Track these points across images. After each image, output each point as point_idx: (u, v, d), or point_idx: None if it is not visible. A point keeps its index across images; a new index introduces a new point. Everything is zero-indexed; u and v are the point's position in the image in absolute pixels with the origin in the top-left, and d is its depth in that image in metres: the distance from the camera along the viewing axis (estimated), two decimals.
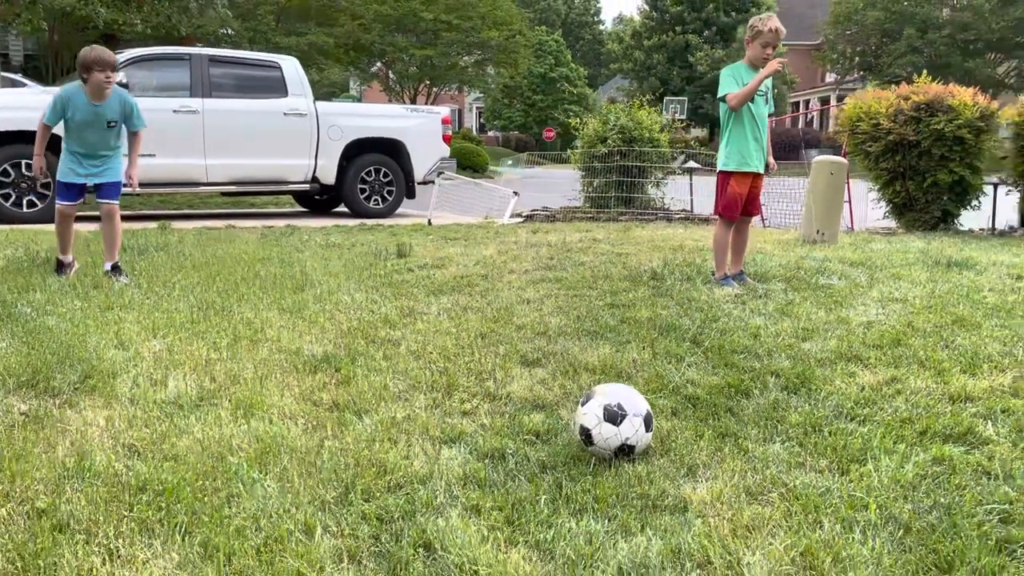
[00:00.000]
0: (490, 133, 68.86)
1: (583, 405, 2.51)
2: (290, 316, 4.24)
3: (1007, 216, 8.73)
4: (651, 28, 40.69)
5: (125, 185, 5.39)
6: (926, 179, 8.08)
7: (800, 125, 44.91)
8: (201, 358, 3.50)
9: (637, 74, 41.61)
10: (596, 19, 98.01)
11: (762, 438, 2.57)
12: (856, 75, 38.92)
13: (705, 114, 39.36)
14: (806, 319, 3.93)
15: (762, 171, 4.77)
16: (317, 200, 11.82)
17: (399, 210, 11.20)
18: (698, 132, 40.27)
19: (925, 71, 8.77)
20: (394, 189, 11.07)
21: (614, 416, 2.42)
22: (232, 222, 9.37)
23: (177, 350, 3.61)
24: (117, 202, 5.37)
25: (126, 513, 2.14)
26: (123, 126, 5.30)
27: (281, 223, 9.34)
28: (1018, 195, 8.46)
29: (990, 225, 8.61)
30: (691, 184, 9.81)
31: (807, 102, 45.75)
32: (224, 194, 11.21)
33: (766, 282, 4.84)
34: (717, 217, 4.90)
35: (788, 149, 39.12)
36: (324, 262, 6.02)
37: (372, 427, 2.73)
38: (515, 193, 9.96)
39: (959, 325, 3.74)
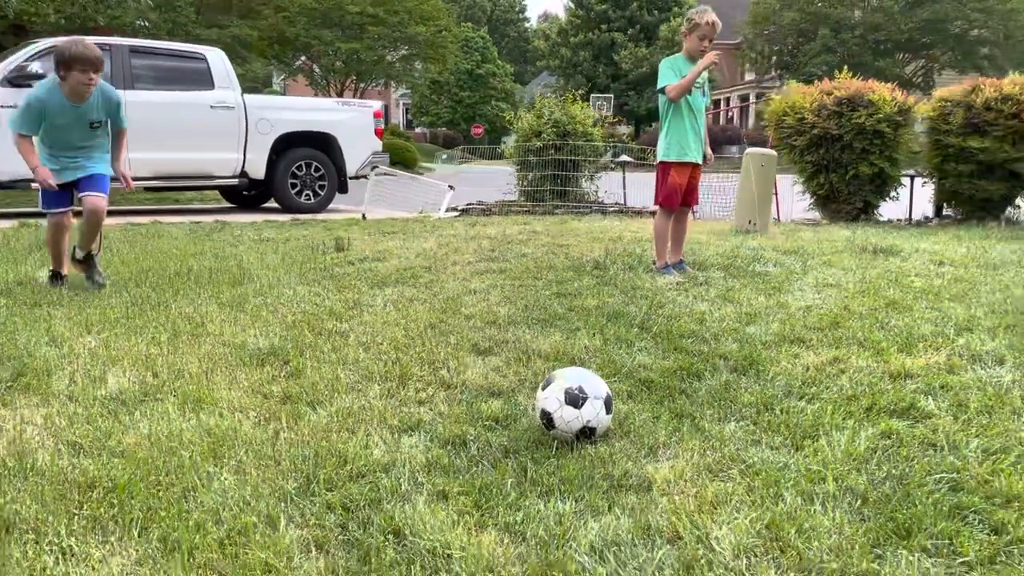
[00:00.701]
0: (417, 129, 68.40)
1: (543, 389, 2.52)
2: (231, 310, 4.13)
3: (923, 207, 9.13)
4: (577, 26, 41.09)
5: (113, 180, 4.75)
6: (848, 171, 8.39)
7: (721, 122, 46.04)
8: (140, 353, 3.37)
9: (564, 71, 41.98)
10: (521, 16, 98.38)
11: (717, 418, 2.62)
12: (774, 74, 40.09)
13: (631, 111, 39.94)
14: (747, 304, 4.03)
15: (700, 162, 4.87)
16: (245, 195, 11.53)
17: (331, 205, 11.03)
18: (625, 129, 40.86)
19: (846, 67, 9.08)
20: (326, 184, 10.88)
21: (575, 399, 2.43)
22: (157, 218, 9.07)
23: (114, 346, 3.48)
24: (105, 195, 4.65)
25: (76, 511, 2.05)
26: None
27: (209, 219, 9.09)
28: (933, 187, 8.85)
29: (907, 215, 9.00)
30: (624, 178, 9.95)
31: (727, 100, 46.91)
32: (147, 189, 10.83)
33: (705, 270, 4.95)
34: (657, 207, 4.98)
35: (710, 145, 40.00)
36: (260, 256, 5.89)
37: (328, 418, 2.68)
38: (450, 187, 9.93)
39: (892, 308, 3.89)
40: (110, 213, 5.16)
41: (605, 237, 6.39)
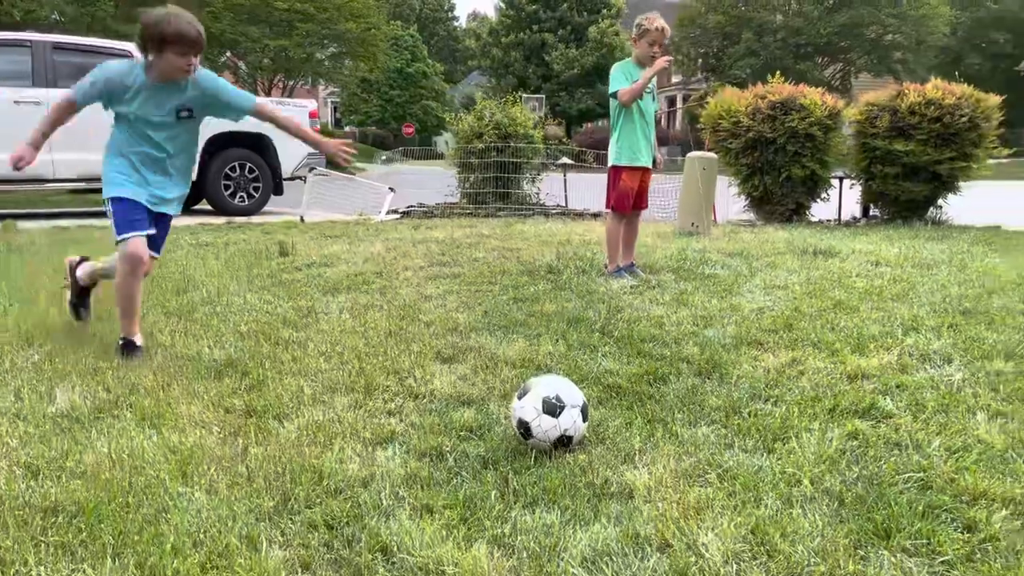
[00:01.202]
0: (347, 128, 67.51)
1: (520, 399, 2.51)
2: (179, 320, 4.00)
3: (851, 207, 9.46)
4: (508, 26, 41.16)
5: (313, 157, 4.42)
6: (781, 174, 8.63)
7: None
8: (88, 367, 3.24)
9: (495, 71, 42.01)
10: (450, 15, 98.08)
11: (688, 422, 2.66)
12: (700, 76, 40.98)
13: (563, 111, 40.26)
14: (702, 307, 4.11)
15: (651, 166, 4.94)
16: None
17: (266, 208, 10.79)
18: (556, 130, 41.16)
19: (778, 72, 9.35)
20: (260, 185, 10.64)
21: (553, 408, 2.43)
22: (83, 221, 8.72)
23: (58, 359, 3.33)
24: (159, 254, 3.65)
25: (41, 538, 1.96)
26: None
27: None
28: (860, 188, 9.18)
29: (837, 216, 9.31)
30: (565, 180, 10.02)
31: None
32: (73, 191, 10.40)
33: (656, 273, 5.02)
34: (608, 211, 5.02)
35: None
36: (202, 262, 5.72)
37: (297, 432, 2.62)
38: (391, 189, 9.82)
39: (839, 309, 4.02)
40: (32, 216, 4.92)
41: (554, 240, 6.43)
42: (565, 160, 9.85)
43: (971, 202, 8.72)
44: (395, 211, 9.84)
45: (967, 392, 2.83)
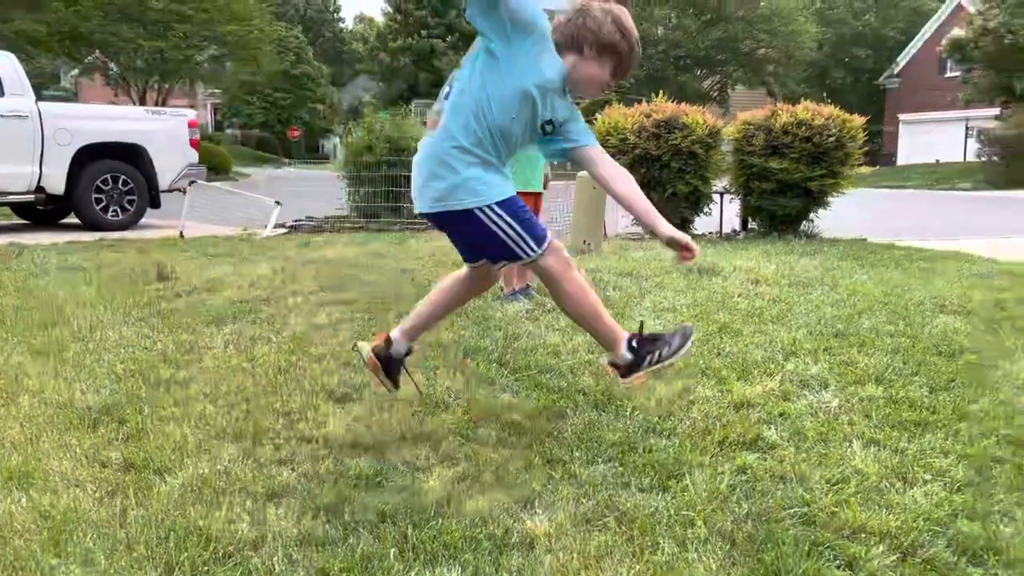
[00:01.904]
0: (229, 131, 65.25)
1: None
2: (48, 359, 3.74)
3: (731, 221, 9.86)
4: (395, 31, 40.82)
5: None
6: (667, 189, 8.91)
7: None
8: None
9: (384, 76, 41.57)
10: (336, 16, 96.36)
11: (587, 460, 2.69)
12: None
13: None
14: None
15: (542, 190, 4.99)
16: (41, 211, 10.50)
17: (143, 221, 10.29)
18: None
19: (662, 92, 9.65)
20: (135, 199, 10.14)
21: None
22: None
23: None
24: None
25: None
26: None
27: (1, 240, 8.19)
28: (739, 202, 9.58)
29: (719, 229, 9.68)
30: None
31: None
32: None
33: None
34: None
35: None
36: (72, 289, 5.37)
37: (180, 488, 2.49)
38: (277, 203, 9.53)
39: (724, 332, 4.17)
40: None
41: (449, 260, 6.38)
42: None
43: (836, 211, 9.27)
44: (282, 225, 9.56)
45: (843, 420, 2.98)
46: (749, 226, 9.77)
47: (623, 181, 2.79)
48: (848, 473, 2.54)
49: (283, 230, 9.38)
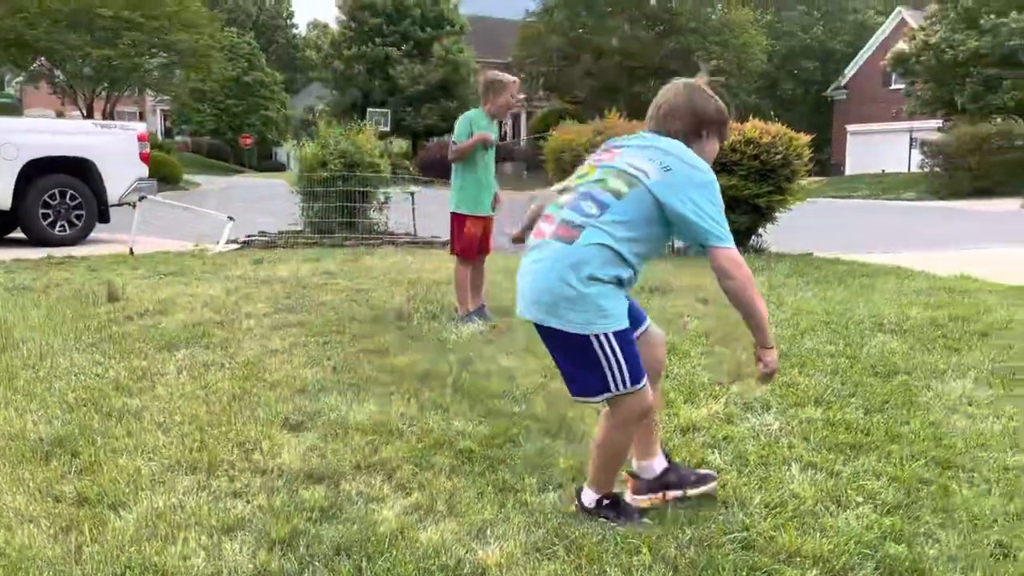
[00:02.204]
0: (178, 138, 64.15)
1: None
2: None
3: None
4: (350, 38, 40.56)
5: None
6: None
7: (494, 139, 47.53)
8: None
9: (338, 84, 41.28)
10: (289, 22, 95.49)
11: (538, 488, 2.77)
12: (542, 94, 42.11)
13: (408, 127, 40.16)
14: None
15: (492, 212, 5.08)
16: None
17: (91, 236, 10.13)
18: (401, 144, 41.00)
19: (614, 110, 9.82)
20: (84, 214, 9.99)
21: None
22: None
23: None
24: None
25: None
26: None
27: None
28: None
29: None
30: (413, 208, 10.04)
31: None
32: None
33: (505, 316, 5.14)
34: (454, 258, 5.10)
35: None
36: (20, 312, 5.30)
37: (135, 523, 2.51)
38: (230, 218, 9.47)
39: (674, 354, 4.28)
40: None
41: (404, 279, 6.44)
42: (413, 189, 9.87)
43: (784, 223, 9.51)
44: (234, 240, 9.49)
45: (783, 443, 3.11)
46: None
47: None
48: (786, 497, 2.66)
49: (235, 246, 9.31)
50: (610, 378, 2.38)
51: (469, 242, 4.96)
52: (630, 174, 2.35)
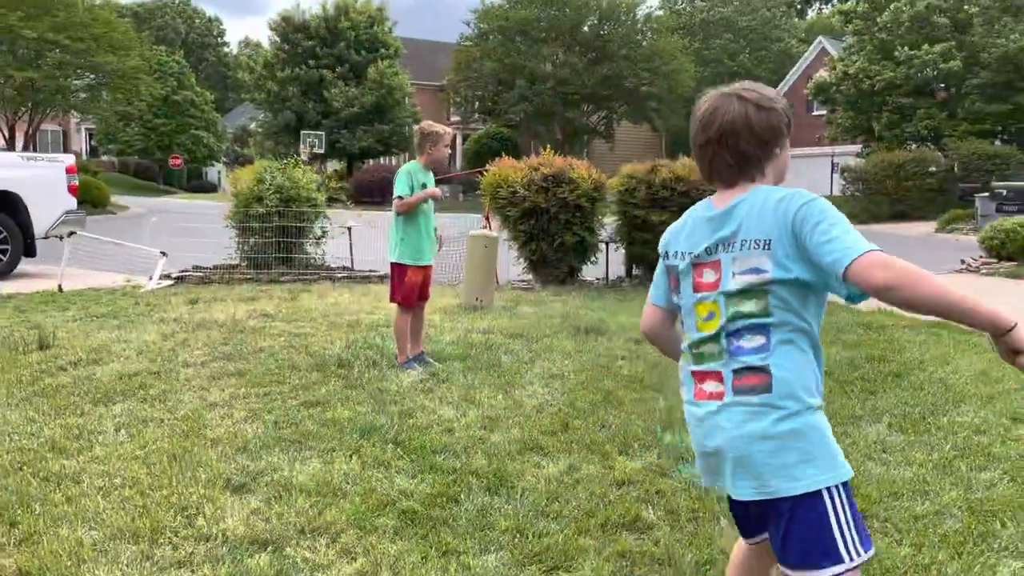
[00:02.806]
0: (104, 158, 62.34)
1: None
2: None
3: (617, 268, 10.30)
4: (283, 60, 40.22)
5: None
6: (555, 240, 9.27)
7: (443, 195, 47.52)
8: None
9: (271, 105, 40.81)
10: (220, 40, 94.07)
11: (479, 549, 2.86)
12: (478, 117, 42.42)
13: (343, 149, 39.94)
14: (488, 406, 4.36)
15: (431, 261, 5.18)
16: None
17: (18, 270, 9.84)
18: (335, 165, 40.71)
19: (549, 146, 10.05)
20: (9, 248, 9.71)
21: None
22: None
23: None
24: None
25: None
26: None
27: None
28: (623, 251, 10.05)
29: (605, 276, 10.10)
30: (351, 243, 10.05)
31: None
32: None
33: (444, 361, 5.23)
34: (395, 306, 5.16)
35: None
36: None
37: None
38: (162, 253, 9.31)
39: (608, 402, 4.44)
40: None
41: (343, 321, 6.46)
42: (351, 222, 9.87)
43: None
44: (167, 275, 9.34)
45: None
46: (633, 272, 10.24)
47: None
48: (715, 554, 2.81)
49: (169, 282, 9.17)
50: (842, 545, 1.78)
51: (410, 291, 5.04)
52: (750, 289, 1.82)
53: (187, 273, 9.49)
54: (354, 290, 8.55)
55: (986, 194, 17.67)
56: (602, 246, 9.86)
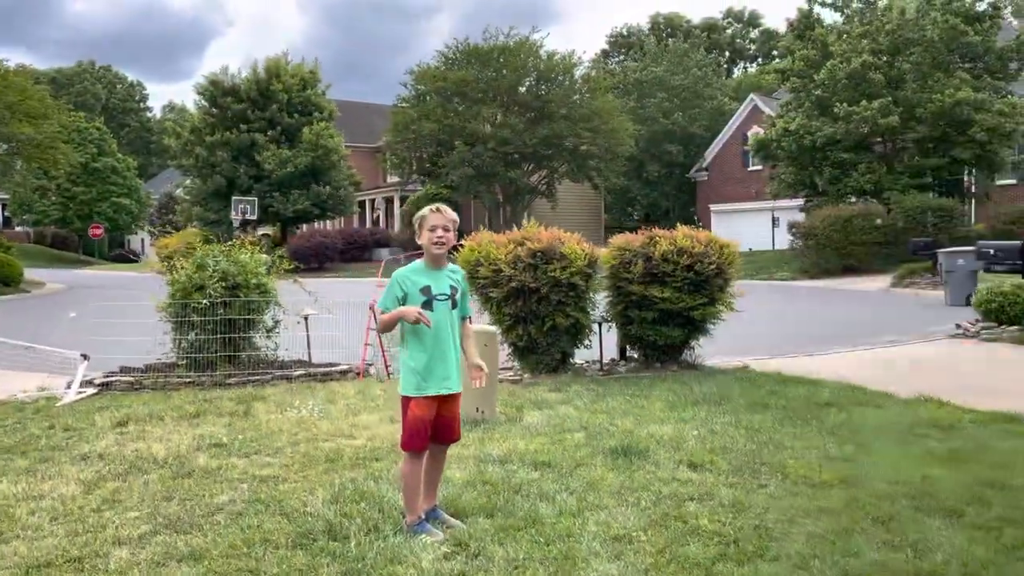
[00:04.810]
0: (19, 228, 59.33)
1: None
2: None
3: (610, 350, 9.22)
4: (212, 124, 38.72)
5: None
6: (546, 323, 8.17)
7: (368, 224, 46.37)
8: None
9: (200, 171, 39.12)
10: (143, 106, 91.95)
11: None
12: (416, 179, 41.49)
13: (276, 213, 38.45)
14: None
15: (455, 390, 3.94)
16: None
17: None
18: (268, 230, 39.09)
19: (532, 216, 9.01)
20: None
21: None
22: None
23: None
24: None
25: None
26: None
27: None
28: (617, 332, 9.01)
29: (599, 359, 8.99)
30: (308, 333, 8.74)
31: (372, 201, 47.59)
32: None
33: (465, 517, 4.01)
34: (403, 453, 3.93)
35: (359, 248, 40.01)
36: None
37: None
38: (84, 356, 7.86)
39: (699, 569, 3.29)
40: None
41: (319, 453, 5.15)
42: (309, 311, 8.58)
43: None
44: (90, 382, 7.88)
45: None
46: (628, 354, 9.19)
47: None
48: None
49: (92, 390, 7.70)
50: None
51: (414, 428, 3.81)
52: None
53: (113, 378, 8.01)
54: (317, 394, 7.23)
55: (948, 249, 17.36)
56: (595, 327, 8.78)
